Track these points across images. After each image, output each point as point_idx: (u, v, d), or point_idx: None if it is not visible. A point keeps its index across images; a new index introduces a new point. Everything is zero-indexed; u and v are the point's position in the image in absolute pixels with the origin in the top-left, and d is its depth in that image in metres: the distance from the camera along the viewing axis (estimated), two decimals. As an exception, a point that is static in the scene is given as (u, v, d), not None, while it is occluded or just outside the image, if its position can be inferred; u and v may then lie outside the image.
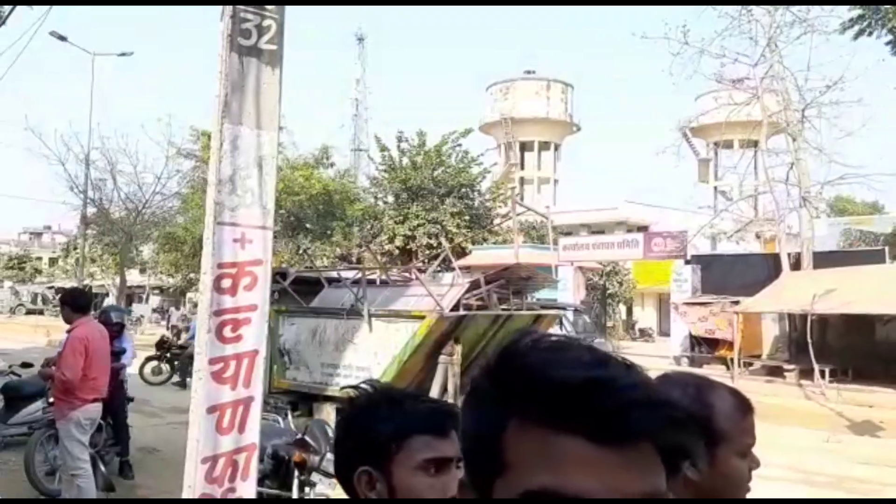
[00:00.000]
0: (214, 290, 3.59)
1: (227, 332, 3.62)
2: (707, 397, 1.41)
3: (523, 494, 0.68)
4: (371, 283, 9.66)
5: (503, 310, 9.13)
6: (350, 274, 10.02)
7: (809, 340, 17.28)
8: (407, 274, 10.56)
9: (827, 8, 22.20)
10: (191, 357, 15.44)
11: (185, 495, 3.61)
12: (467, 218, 26.93)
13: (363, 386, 1.47)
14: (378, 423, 1.38)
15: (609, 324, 30.44)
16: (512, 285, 9.41)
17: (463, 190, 27.71)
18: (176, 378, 16.04)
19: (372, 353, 8.17)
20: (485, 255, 24.20)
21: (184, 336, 18.73)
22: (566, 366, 0.69)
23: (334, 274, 10.69)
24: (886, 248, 23.06)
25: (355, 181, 35.01)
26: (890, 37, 20.97)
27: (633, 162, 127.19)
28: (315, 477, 5.70)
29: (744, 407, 1.44)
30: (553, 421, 0.68)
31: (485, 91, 54.31)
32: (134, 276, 42.70)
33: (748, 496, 1.44)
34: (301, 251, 28.14)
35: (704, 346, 22.34)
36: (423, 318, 7.82)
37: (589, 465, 0.66)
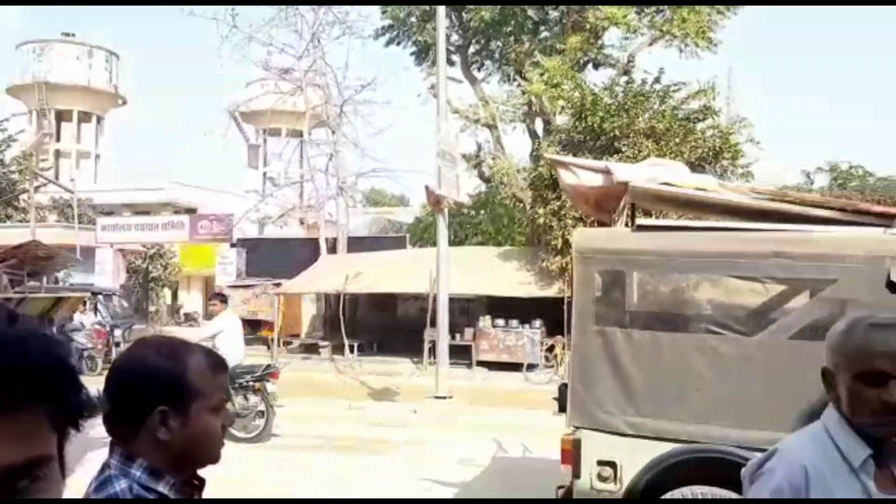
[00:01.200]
0: None
1: None
2: (181, 357, 1.47)
3: None
4: None
5: (17, 292, 8.08)
6: None
7: (342, 318, 18.90)
8: None
9: (364, 14, 24.36)
10: None
11: None
12: (-16, 191, 23.27)
13: None
14: None
15: (152, 308, 29.19)
16: (28, 266, 8.38)
17: (-21, 158, 23.90)
18: None
19: None
20: (6, 234, 21.23)
21: None
22: None
23: None
24: (408, 236, 26.27)
25: None
26: (414, 48, 23.84)
27: (183, 142, 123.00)
28: None
29: (217, 366, 1.55)
30: None
31: (15, 50, 47.59)
32: None
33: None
34: None
35: (248, 327, 22.83)
36: None
37: None
